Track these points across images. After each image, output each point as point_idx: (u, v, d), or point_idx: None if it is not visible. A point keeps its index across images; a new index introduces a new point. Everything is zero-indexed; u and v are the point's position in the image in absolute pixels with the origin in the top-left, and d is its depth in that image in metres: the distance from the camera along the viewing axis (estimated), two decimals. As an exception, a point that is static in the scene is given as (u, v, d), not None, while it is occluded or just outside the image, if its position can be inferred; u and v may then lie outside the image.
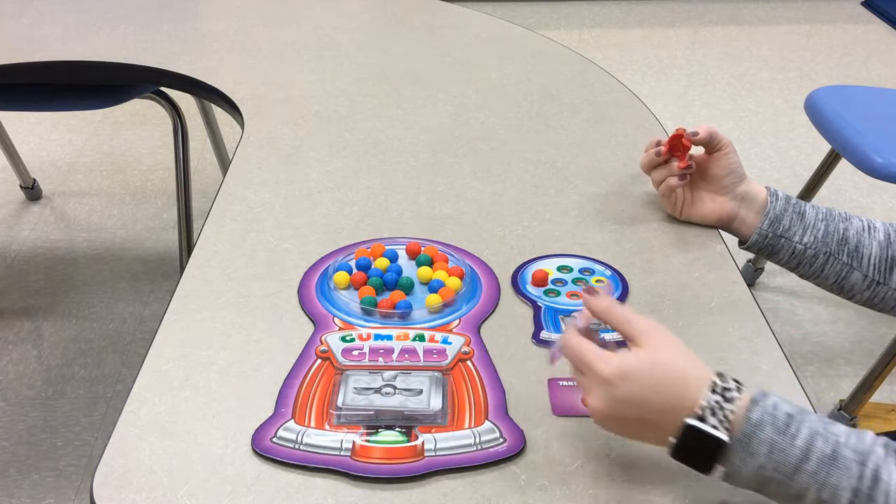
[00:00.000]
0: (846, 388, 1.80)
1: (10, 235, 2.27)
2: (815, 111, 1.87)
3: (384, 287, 0.88)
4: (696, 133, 0.94)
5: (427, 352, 0.79)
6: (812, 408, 0.69)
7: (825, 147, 1.92)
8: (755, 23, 3.81)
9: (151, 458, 0.69)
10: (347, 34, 1.54)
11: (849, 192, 2.51)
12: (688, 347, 0.66)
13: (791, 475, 0.60)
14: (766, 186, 0.96)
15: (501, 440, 0.70)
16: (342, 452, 0.68)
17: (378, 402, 0.73)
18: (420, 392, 0.74)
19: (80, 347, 1.89)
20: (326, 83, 1.35)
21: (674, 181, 0.96)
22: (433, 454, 0.68)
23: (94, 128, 2.81)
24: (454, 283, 0.87)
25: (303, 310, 0.85)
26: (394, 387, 0.75)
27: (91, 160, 2.63)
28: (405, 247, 0.94)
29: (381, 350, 0.79)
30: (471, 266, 0.92)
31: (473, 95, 1.32)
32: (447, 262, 0.91)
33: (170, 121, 1.81)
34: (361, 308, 0.85)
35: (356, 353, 0.79)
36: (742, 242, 0.97)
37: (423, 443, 0.69)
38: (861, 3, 4.03)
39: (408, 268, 0.91)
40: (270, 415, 0.72)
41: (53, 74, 1.44)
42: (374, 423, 0.71)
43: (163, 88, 1.77)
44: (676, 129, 0.96)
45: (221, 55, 1.44)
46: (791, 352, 1.94)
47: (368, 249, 0.93)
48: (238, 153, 1.15)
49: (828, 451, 0.60)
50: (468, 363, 0.78)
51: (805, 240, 0.92)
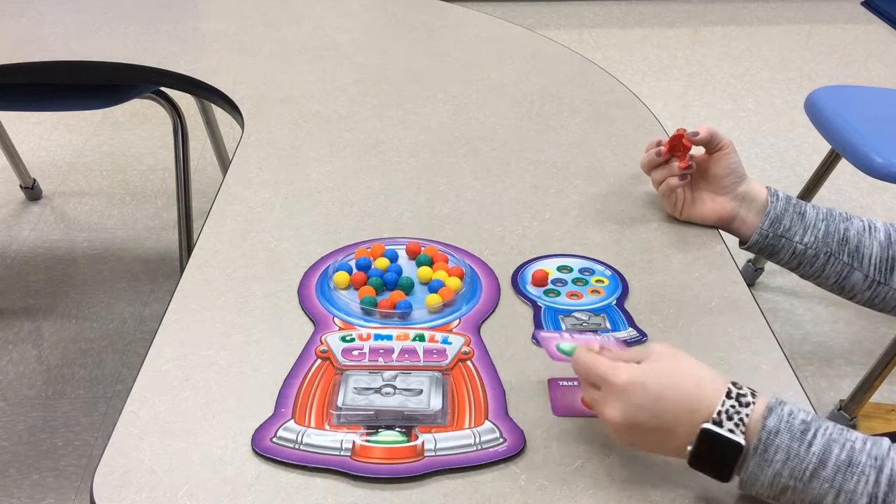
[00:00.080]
0: (846, 388, 1.80)
1: (10, 235, 2.27)
2: (815, 111, 1.87)
3: (384, 287, 0.88)
4: (697, 133, 0.94)
5: (427, 352, 0.79)
6: (812, 408, 0.68)
7: (825, 147, 1.92)
8: (755, 23, 3.81)
9: (151, 458, 0.69)
10: (347, 34, 1.54)
11: (849, 192, 2.51)
12: (698, 360, 0.67)
13: (807, 482, 0.60)
14: (767, 186, 0.95)
15: (501, 440, 0.70)
16: (342, 452, 0.68)
17: (378, 402, 0.73)
18: (420, 392, 0.74)
19: (80, 347, 1.89)
20: (326, 83, 1.35)
21: (674, 181, 0.96)
22: (433, 454, 0.68)
23: (94, 128, 2.81)
24: (454, 283, 0.87)
25: (303, 310, 0.85)
26: (394, 387, 0.75)
27: (91, 160, 2.63)
28: (405, 247, 0.94)
29: (381, 350, 0.79)
30: (471, 266, 0.92)
31: (473, 95, 1.32)
32: (447, 262, 0.91)
33: (170, 121, 1.81)
34: (361, 308, 0.84)
35: (356, 353, 0.79)
36: (742, 242, 0.97)
37: (423, 443, 0.69)
38: (861, 3, 4.03)
39: (408, 268, 0.91)
40: (270, 415, 0.72)
41: (53, 74, 1.44)
42: (374, 423, 0.71)
43: (163, 88, 1.77)
44: (677, 129, 0.96)
45: (221, 55, 1.44)
46: (791, 352, 1.94)
47: (368, 249, 0.93)
48: (238, 153, 1.15)
49: (844, 458, 0.60)
50: (468, 363, 0.78)
51: (806, 240, 0.92)
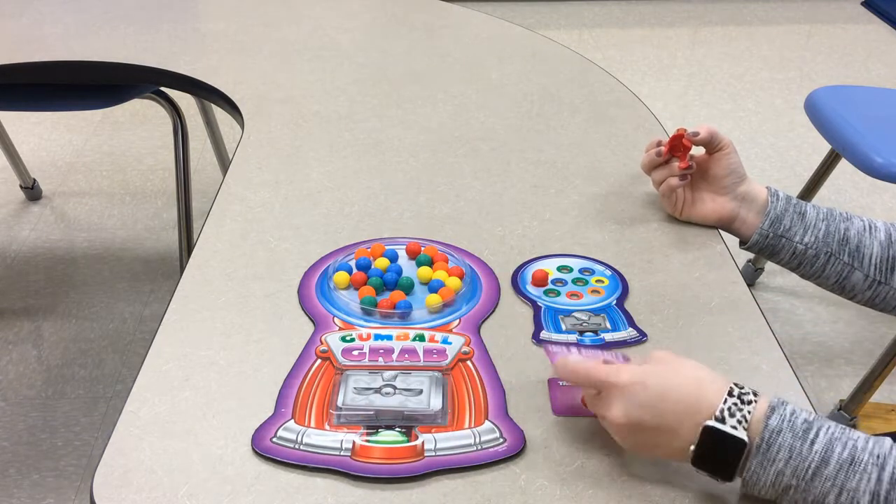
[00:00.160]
0: (846, 388, 1.80)
1: (10, 235, 2.27)
2: (815, 111, 1.87)
3: (384, 287, 0.88)
4: (697, 133, 0.94)
5: (427, 352, 0.79)
6: (812, 408, 0.68)
7: (825, 147, 1.92)
8: (755, 23, 3.81)
9: (151, 458, 0.69)
10: (347, 34, 1.54)
11: (849, 192, 2.51)
12: (699, 363, 0.68)
13: (810, 480, 0.60)
14: (767, 186, 0.95)
15: (501, 440, 0.70)
16: (342, 452, 0.68)
17: (378, 402, 0.73)
18: (420, 392, 0.74)
19: (80, 347, 1.89)
20: (326, 83, 1.35)
21: (674, 181, 0.96)
22: (433, 454, 0.68)
23: (94, 128, 2.81)
24: (454, 283, 0.87)
25: (303, 310, 0.85)
26: (394, 387, 0.75)
27: (91, 160, 2.63)
28: (405, 247, 0.94)
29: (381, 350, 0.79)
30: (471, 266, 0.92)
31: (473, 95, 1.32)
32: (447, 262, 0.91)
33: (170, 121, 1.81)
34: (361, 308, 0.84)
35: (356, 353, 0.79)
36: (743, 243, 0.97)
37: (423, 443, 0.69)
38: (861, 3, 4.03)
39: (408, 268, 0.91)
40: (270, 415, 0.72)
41: (53, 74, 1.44)
42: (374, 423, 0.71)
43: (163, 88, 1.77)
44: (677, 130, 0.95)
45: (221, 55, 1.44)
46: (791, 352, 1.94)
47: (368, 249, 0.93)
48: (238, 153, 1.15)
49: (846, 456, 0.60)
50: (468, 363, 0.78)
51: (806, 240, 0.92)
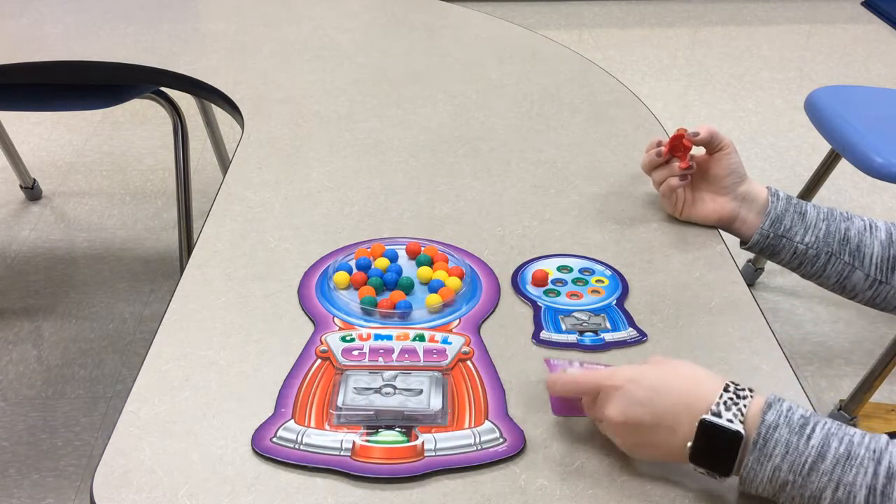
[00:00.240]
0: (846, 388, 1.80)
1: (10, 235, 2.27)
2: (815, 111, 1.87)
3: (384, 287, 0.88)
4: (697, 133, 0.94)
5: (427, 352, 0.79)
6: (812, 408, 0.68)
7: (825, 147, 1.92)
8: (755, 23, 3.81)
9: (151, 458, 0.69)
10: (347, 34, 1.54)
11: (849, 192, 2.51)
12: (698, 363, 0.69)
13: (807, 475, 0.60)
14: (767, 186, 0.95)
15: (501, 440, 0.70)
16: (342, 452, 0.68)
17: (378, 402, 0.73)
18: (420, 392, 0.74)
19: (80, 347, 1.89)
20: (326, 83, 1.35)
21: (675, 181, 0.96)
22: (433, 454, 0.68)
23: (94, 128, 2.81)
24: (454, 283, 0.87)
25: (303, 310, 0.85)
26: (394, 387, 0.75)
27: (91, 160, 2.63)
28: (405, 247, 0.94)
29: (381, 350, 0.79)
30: (471, 266, 0.92)
31: (473, 95, 1.32)
32: (447, 262, 0.91)
33: (170, 121, 1.81)
34: (361, 308, 0.84)
35: (356, 353, 0.79)
36: (743, 243, 0.97)
37: (423, 443, 0.69)
38: (861, 3, 4.03)
39: (408, 268, 0.91)
40: (270, 415, 0.72)
41: (53, 74, 1.44)
42: (374, 423, 0.71)
43: (163, 88, 1.77)
44: (677, 130, 0.95)
45: (221, 55, 1.44)
46: (791, 352, 1.94)
47: (368, 249, 0.93)
48: (238, 153, 1.15)
49: (842, 451, 0.60)
50: (468, 363, 0.78)
51: (806, 240, 0.92)
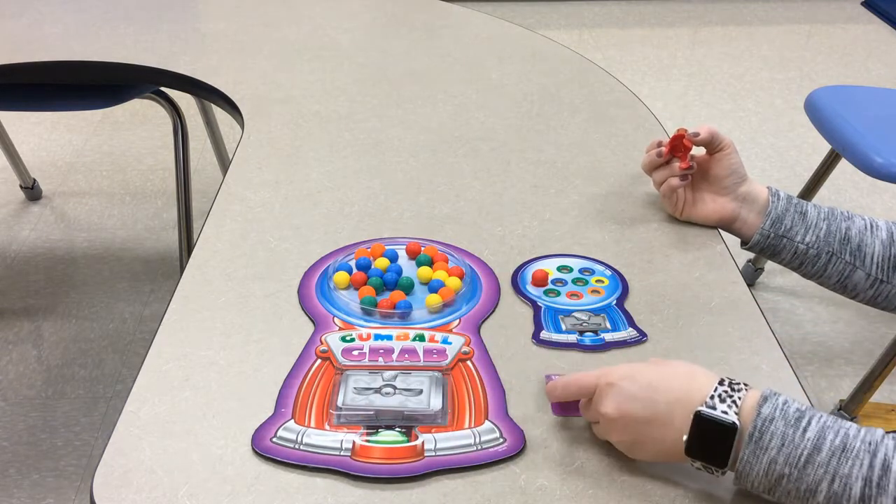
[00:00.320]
0: (846, 388, 1.80)
1: (10, 235, 2.27)
2: (815, 111, 1.87)
3: (384, 287, 0.88)
4: (698, 133, 0.94)
5: (427, 352, 0.79)
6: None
7: (825, 147, 1.92)
8: (755, 23, 3.81)
9: (151, 458, 0.69)
10: (347, 34, 1.54)
11: (849, 192, 2.51)
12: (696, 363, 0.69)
13: (802, 468, 0.60)
14: (768, 186, 0.95)
15: (501, 440, 0.70)
16: (342, 452, 0.68)
17: (378, 402, 0.73)
18: (420, 392, 0.74)
19: (80, 347, 1.89)
20: (326, 83, 1.35)
21: (675, 182, 0.96)
22: (433, 454, 0.68)
23: (94, 128, 2.81)
24: (454, 283, 0.87)
25: (303, 310, 0.85)
26: (394, 387, 0.75)
27: (91, 160, 2.63)
28: (405, 247, 0.94)
29: (381, 350, 0.79)
30: (471, 266, 0.92)
31: (473, 95, 1.32)
32: (447, 262, 0.91)
33: (170, 121, 1.81)
34: (361, 308, 0.84)
35: (356, 353, 0.79)
36: (744, 243, 0.97)
37: (423, 443, 0.69)
38: (861, 3, 4.03)
39: (408, 268, 0.91)
40: (270, 415, 0.72)
41: (53, 74, 1.44)
42: (374, 423, 0.71)
43: (163, 88, 1.77)
44: (678, 130, 0.95)
45: (221, 55, 1.44)
46: (791, 352, 1.94)
47: (368, 249, 0.93)
48: (238, 153, 1.15)
49: (838, 443, 0.60)
50: (468, 363, 0.78)
51: (807, 239, 0.92)
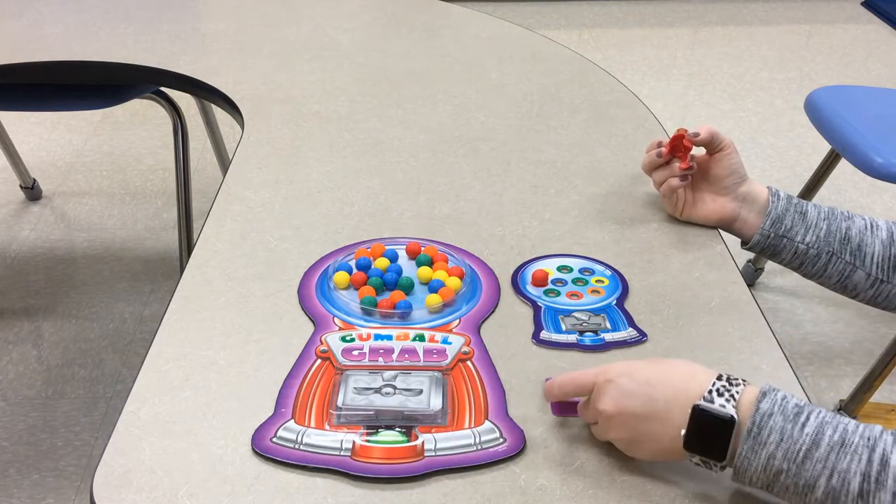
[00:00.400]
0: (846, 388, 1.80)
1: (10, 235, 2.27)
2: (815, 111, 1.87)
3: (384, 287, 0.88)
4: (698, 134, 0.94)
5: (427, 352, 0.79)
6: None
7: (825, 147, 1.92)
8: (755, 23, 3.81)
9: (151, 458, 0.69)
10: (347, 34, 1.54)
11: (849, 192, 2.51)
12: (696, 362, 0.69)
13: (801, 463, 0.60)
14: (768, 186, 0.95)
15: (501, 440, 0.70)
16: (342, 452, 0.68)
17: (378, 402, 0.73)
18: (420, 392, 0.74)
19: (80, 347, 1.89)
20: (326, 83, 1.35)
21: (675, 182, 0.96)
22: (433, 454, 0.68)
23: (94, 128, 2.81)
24: (454, 283, 0.87)
25: (303, 310, 0.85)
26: (394, 387, 0.75)
27: (91, 160, 2.63)
28: (405, 247, 0.94)
29: (381, 350, 0.79)
30: (471, 266, 0.92)
31: (473, 95, 1.32)
32: (447, 262, 0.91)
33: (170, 121, 1.81)
34: (361, 308, 0.84)
35: (356, 353, 0.79)
36: (744, 243, 0.97)
37: (423, 443, 0.69)
38: (861, 3, 4.03)
39: (408, 268, 0.91)
40: (270, 415, 0.72)
41: (53, 74, 1.44)
42: (374, 423, 0.71)
43: (163, 88, 1.77)
44: (678, 130, 0.95)
45: (221, 55, 1.44)
46: (791, 352, 1.94)
47: (368, 249, 0.93)
48: (238, 153, 1.15)
49: (837, 438, 0.60)
50: (468, 363, 0.78)
51: (807, 239, 0.92)
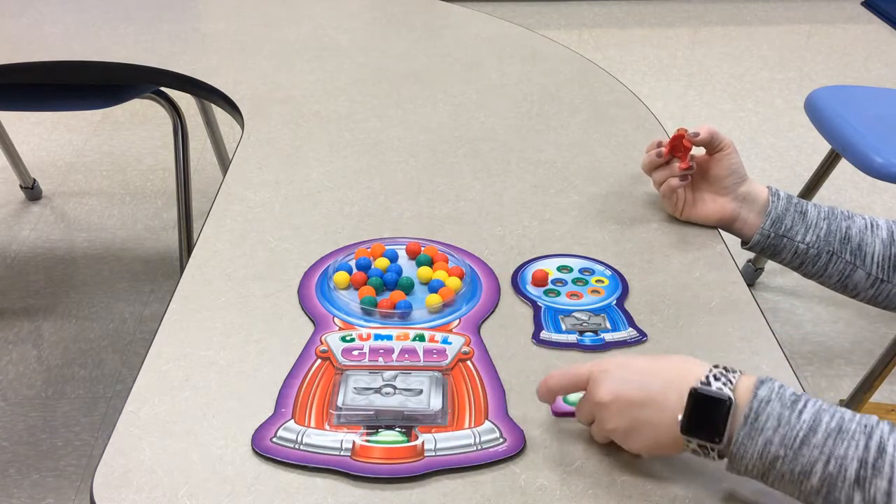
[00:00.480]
0: (846, 388, 1.80)
1: (10, 235, 2.27)
2: (815, 111, 1.87)
3: (384, 287, 0.88)
4: (697, 134, 0.94)
5: (427, 352, 0.79)
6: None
7: (825, 147, 1.92)
8: (755, 23, 3.81)
9: (151, 458, 0.69)
10: (347, 34, 1.54)
11: (849, 192, 2.51)
12: None
13: (798, 449, 0.60)
14: (768, 186, 0.95)
15: (501, 440, 0.70)
16: (342, 452, 0.68)
17: (378, 402, 0.73)
18: (420, 392, 0.74)
19: (80, 347, 1.89)
20: (326, 83, 1.35)
21: (675, 182, 0.96)
22: (433, 454, 0.68)
23: (94, 128, 2.81)
24: (454, 283, 0.87)
25: (303, 310, 0.85)
26: (394, 387, 0.75)
27: (91, 160, 2.63)
28: (405, 247, 0.94)
29: (381, 350, 0.79)
30: (471, 266, 0.92)
31: (473, 95, 1.32)
32: (447, 262, 0.91)
33: (170, 121, 1.81)
34: (361, 308, 0.84)
35: (356, 353, 0.79)
36: (744, 243, 0.97)
37: (423, 443, 0.69)
38: (861, 3, 4.03)
39: (408, 268, 0.91)
40: (270, 415, 0.72)
41: (53, 74, 1.44)
42: (374, 423, 0.71)
43: (163, 88, 1.77)
44: (677, 130, 0.95)
45: (221, 55, 1.44)
46: (791, 352, 1.94)
47: (368, 249, 0.93)
48: (238, 153, 1.15)
49: (834, 425, 0.60)
50: (468, 363, 0.78)
51: (807, 239, 0.92)
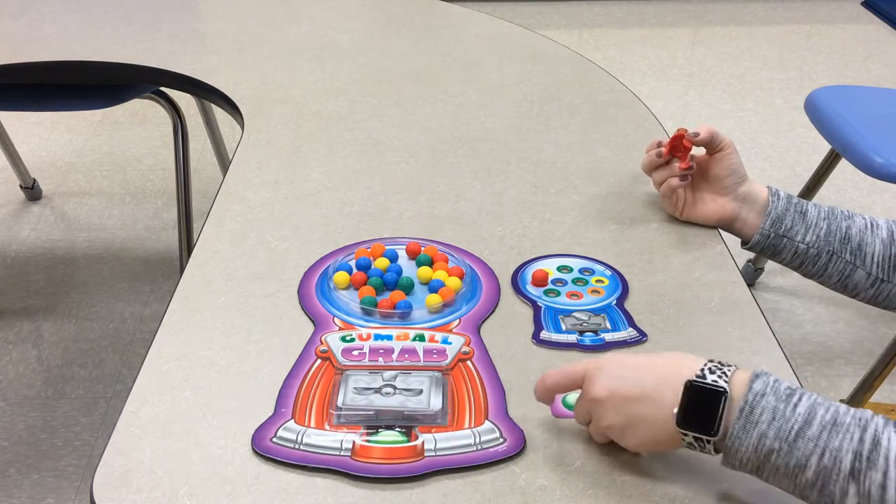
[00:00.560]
0: (846, 388, 1.80)
1: (10, 235, 2.27)
2: (815, 111, 1.87)
3: (384, 287, 0.88)
4: (697, 134, 0.94)
5: (427, 352, 0.79)
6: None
7: (825, 147, 1.92)
8: (755, 23, 3.81)
9: (151, 458, 0.69)
10: (347, 34, 1.54)
11: (849, 192, 2.51)
12: None
13: (792, 442, 0.60)
14: (768, 186, 0.95)
15: (501, 440, 0.70)
16: (342, 452, 0.68)
17: (378, 402, 0.73)
18: (420, 392, 0.74)
19: (80, 347, 1.89)
20: (326, 83, 1.35)
21: (675, 182, 0.96)
22: (433, 454, 0.68)
23: (94, 128, 2.81)
24: (454, 283, 0.87)
25: (303, 310, 0.85)
26: (394, 387, 0.75)
27: (91, 160, 2.63)
28: (405, 247, 0.94)
29: (381, 350, 0.79)
30: (471, 266, 0.92)
31: (473, 95, 1.32)
32: (447, 262, 0.91)
33: (170, 121, 1.81)
34: (361, 308, 0.84)
35: (356, 353, 0.79)
36: (744, 243, 0.97)
37: (423, 443, 0.69)
38: (861, 3, 4.03)
39: (408, 268, 0.91)
40: (270, 415, 0.72)
41: (53, 74, 1.44)
42: (374, 423, 0.71)
43: (163, 88, 1.77)
44: (677, 130, 0.95)
45: (221, 55, 1.44)
46: (791, 352, 1.94)
47: (368, 249, 0.93)
48: (238, 153, 1.15)
49: (829, 418, 0.60)
50: (468, 363, 0.78)
51: (807, 239, 0.92)
